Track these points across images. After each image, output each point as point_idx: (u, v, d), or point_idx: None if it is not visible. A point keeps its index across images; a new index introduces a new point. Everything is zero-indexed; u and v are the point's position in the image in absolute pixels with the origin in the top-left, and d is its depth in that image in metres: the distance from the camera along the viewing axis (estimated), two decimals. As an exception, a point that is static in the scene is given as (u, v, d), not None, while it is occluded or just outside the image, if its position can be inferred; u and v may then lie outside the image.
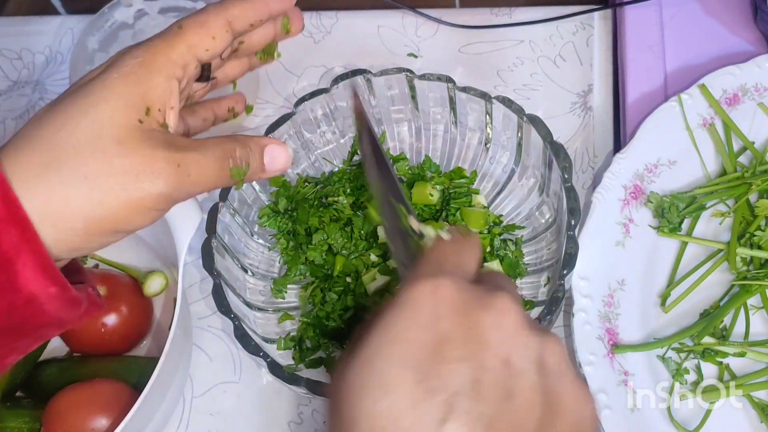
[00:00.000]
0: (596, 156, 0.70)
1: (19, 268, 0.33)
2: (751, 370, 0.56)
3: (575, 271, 0.58)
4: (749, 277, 0.58)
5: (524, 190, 0.64)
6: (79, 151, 0.35)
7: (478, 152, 0.66)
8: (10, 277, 0.33)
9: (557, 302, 0.52)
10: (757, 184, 0.60)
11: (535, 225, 0.63)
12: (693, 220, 0.63)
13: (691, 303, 0.60)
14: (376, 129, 0.68)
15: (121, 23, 0.78)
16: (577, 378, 0.34)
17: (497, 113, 0.61)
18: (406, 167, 0.66)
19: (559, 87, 0.74)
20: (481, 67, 0.76)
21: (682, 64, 0.70)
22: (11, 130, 0.81)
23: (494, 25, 0.78)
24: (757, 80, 0.65)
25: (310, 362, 0.58)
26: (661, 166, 0.64)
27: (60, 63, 0.85)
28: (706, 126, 0.65)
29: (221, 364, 0.65)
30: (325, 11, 0.83)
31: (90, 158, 0.35)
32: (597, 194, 0.62)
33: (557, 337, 0.34)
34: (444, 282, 0.33)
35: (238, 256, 0.62)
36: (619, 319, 0.59)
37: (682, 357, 0.57)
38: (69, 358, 0.66)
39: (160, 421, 0.61)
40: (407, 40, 0.79)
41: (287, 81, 0.79)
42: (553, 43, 0.77)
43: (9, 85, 0.84)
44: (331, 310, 0.60)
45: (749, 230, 0.60)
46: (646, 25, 0.73)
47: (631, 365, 0.57)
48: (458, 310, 0.32)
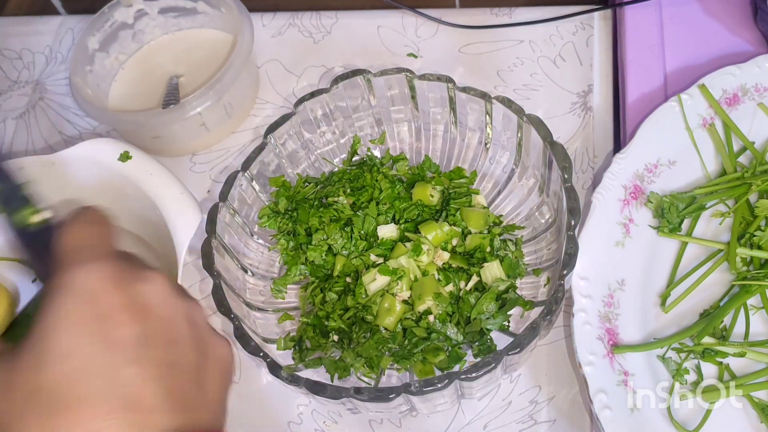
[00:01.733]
0: (596, 156, 0.70)
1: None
2: (751, 370, 0.56)
3: (575, 271, 0.58)
4: (749, 277, 0.58)
5: (524, 191, 0.64)
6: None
7: (478, 152, 0.66)
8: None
9: (557, 302, 0.52)
10: (757, 185, 0.60)
11: (535, 225, 0.63)
12: (693, 221, 0.63)
13: (691, 303, 0.60)
14: (376, 129, 0.68)
15: (121, 23, 0.78)
16: (215, 331, 0.44)
17: (497, 113, 0.61)
18: (406, 167, 0.66)
19: (559, 87, 0.74)
20: (481, 67, 0.76)
21: (682, 64, 0.70)
22: (11, 130, 0.81)
23: (494, 25, 0.78)
24: (757, 80, 0.65)
25: (310, 362, 0.58)
26: (661, 166, 0.64)
27: (60, 63, 0.85)
28: (706, 126, 0.65)
29: (221, 364, 0.65)
30: (325, 11, 0.83)
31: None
32: (597, 194, 0.62)
33: (197, 301, 0.43)
34: (96, 264, 0.38)
35: (238, 256, 0.62)
36: (619, 320, 0.59)
37: (682, 357, 0.57)
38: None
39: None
40: (407, 40, 0.79)
41: (287, 81, 0.79)
42: (553, 43, 0.77)
43: (9, 85, 0.84)
44: (331, 310, 0.60)
45: (749, 230, 0.60)
46: (646, 25, 0.73)
47: (631, 365, 0.57)
48: (117, 284, 0.38)
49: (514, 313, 0.59)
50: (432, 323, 0.58)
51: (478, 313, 0.58)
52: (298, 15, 0.83)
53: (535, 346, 0.54)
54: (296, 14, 0.83)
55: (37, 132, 0.80)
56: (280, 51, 0.81)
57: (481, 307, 0.58)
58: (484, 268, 0.60)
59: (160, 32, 0.81)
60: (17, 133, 0.80)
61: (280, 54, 0.81)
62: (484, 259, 0.60)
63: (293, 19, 0.83)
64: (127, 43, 0.80)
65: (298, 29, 0.82)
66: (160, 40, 0.81)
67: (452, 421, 0.60)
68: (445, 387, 0.50)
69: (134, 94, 0.78)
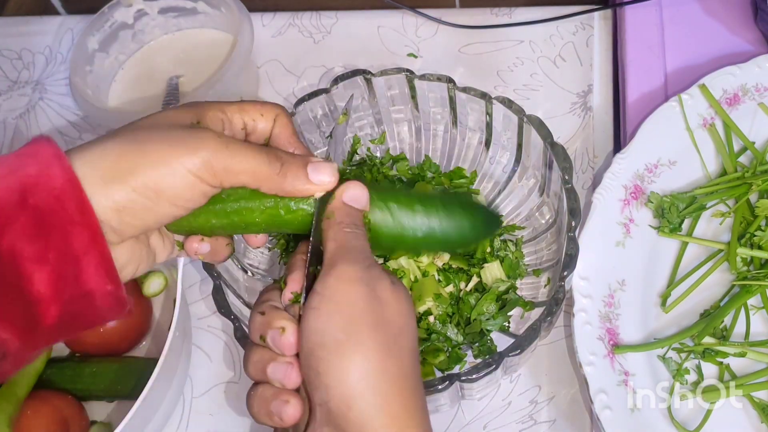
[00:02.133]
0: (596, 156, 0.69)
1: (84, 266, 0.38)
2: (752, 370, 0.56)
3: (575, 271, 0.58)
4: (749, 277, 0.58)
5: (524, 191, 0.64)
6: (147, 152, 0.39)
7: (478, 152, 0.65)
8: (76, 273, 0.38)
9: (558, 303, 0.52)
10: (757, 184, 0.60)
11: (536, 225, 0.63)
12: (693, 221, 0.63)
13: (691, 303, 0.59)
14: (376, 129, 0.68)
15: (121, 23, 0.78)
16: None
17: (497, 113, 0.61)
18: (406, 167, 0.66)
19: (559, 87, 0.74)
20: (481, 67, 0.76)
21: (683, 64, 0.70)
22: (11, 129, 0.81)
23: (494, 25, 0.78)
24: (758, 80, 0.65)
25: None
26: (661, 166, 0.64)
27: (60, 63, 0.85)
28: (706, 126, 0.65)
29: (221, 364, 0.65)
30: (325, 11, 0.83)
31: (154, 146, 0.39)
32: (597, 194, 0.62)
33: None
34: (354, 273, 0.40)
35: (238, 256, 0.62)
36: (619, 320, 0.58)
37: (683, 357, 0.57)
38: (70, 358, 0.66)
39: (160, 421, 0.61)
40: (407, 40, 0.79)
41: (287, 81, 0.79)
42: (553, 44, 0.77)
43: (9, 85, 0.84)
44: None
45: (749, 230, 0.60)
46: (646, 26, 0.73)
47: (631, 365, 0.57)
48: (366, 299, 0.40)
49: (515, 313, 0.59)
50: (432, 324, 0.58)
51: (478, 314, 0.58)
52: (298, 15, 0.83)
53: (536, 346, 0.54)
54: (296, 14, 0.83)
55: (37, 132, 0.80)
56: (280, 51, 0.81)
57: (481, 308, 0.58)
58: (484, 268, 0.60)
59: (160, 32, 0.80)
60: (17, 134, 0.80)
61: (280, 54, 0.81)
62: (484, 259, 0.60)
63: (293, 19, 0.83)
64: (127, 43, 0.79)
65: (298, 29, 0.82)
66: (160, 40, 0.81)
67: (452, 421, 0.59)
68: (445, 389, 0.50)
69: (134, 95, 0.78)
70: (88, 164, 0.38)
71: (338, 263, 0.40)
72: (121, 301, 0.40)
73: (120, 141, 0.39)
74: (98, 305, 0.39)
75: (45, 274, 0.37)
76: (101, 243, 0.38)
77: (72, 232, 0.37)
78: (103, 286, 0.38)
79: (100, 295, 0.39)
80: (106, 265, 0.38)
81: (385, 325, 0.39)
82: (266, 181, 0.41)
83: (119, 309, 0.40)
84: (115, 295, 0.39)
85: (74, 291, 0.38)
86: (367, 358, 0.38)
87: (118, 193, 0.38)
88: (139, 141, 0.39)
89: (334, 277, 0.40)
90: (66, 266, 0.37)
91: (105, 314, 0.40)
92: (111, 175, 0.38)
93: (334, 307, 0.39)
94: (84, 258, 0.38)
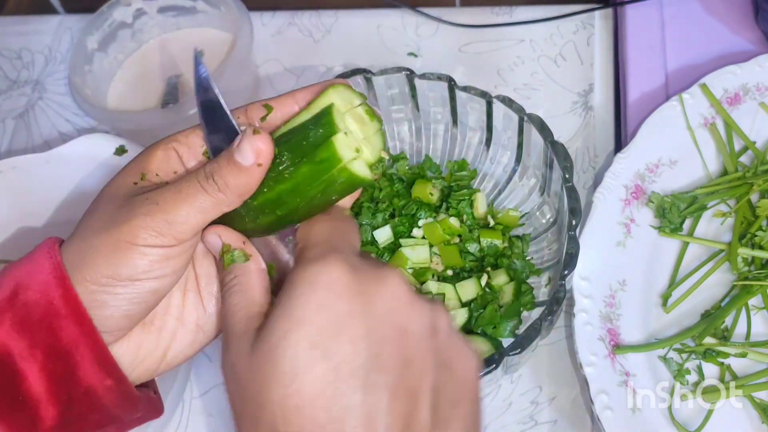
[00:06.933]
0: (597, 156, 0.69)
1: (78, 360, 0.36)
2: (753, 370, 0.56)
3: (576, 271, 0.58)
4: (750, 277, 0.58)
5: (525, 190, 0.64)
6: (100, 232, 0.37)
7: (478, 152, 0.65)
8: (71, 368, 0.36)
9: (558, 303, 0.52)
10: (758, 184, 0.60)
11: (536, 225, 0.63)
12: (694, 220, 0.62)
13: (692, 303, 0.59)
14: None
15: (120, 22, 0.78)
16: (462, 337, 0.37)
17: (498, 113, 0.60)
18: (406, 167, 0.66)
19: (559, 86, 0.74)
20: (482, 67, 0.76)
21: (683, 64, 0.70)
22: (11, 129, 0.81)
23: (495, 24, 0.78)
24: (759, 80, 0.65)
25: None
26: (662, 166, 0.63)
27: (59, 62, 0.84)
28: (707, 125, 0.65)
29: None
30: (325, 10, 0.83)
31: (93, 233, 0.37)
32: (598, 194, 0.61)
33: (442, 303, 0.37)
34: (336, 261, 0.34)
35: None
36: (620, 320, 0.58)
37: (684, 357, 0.57)
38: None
39: (160, 422, 0.60)
40: (407, 39, 0.79)
41: (287, 81, 0.79)
42: (553, 43, 0.76)
43: (9, 85, 0.84)
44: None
45: (750, 230, 0.60)
46: (647, 25, 0.73)
47: (632, 366, 0.57)
48: (354, 287, 0.34)
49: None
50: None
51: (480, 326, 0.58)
52: (298, 14, 0.83)
53: (536, 346, 0.53)
54: (296, 13, 0.83)
55: (36, 132, 0.80)
56: (280, 50, 0.81)
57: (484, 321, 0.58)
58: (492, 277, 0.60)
59: (159, 31, 0.80)
60: (16, 133, 0.80)
61: (280, 53, 0.81)
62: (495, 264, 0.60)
63: (293, 18, 0.83)
64: (126, 43, 0.79)
65: (298, 28, 0.82)
66: (159, 39, 0.80)
67: (453, 422, 0.59)
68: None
69: (133, 94, 0.78)
70: (76, 255, 0.37)
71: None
72: (129, 396, 0.38)
73: (75, 237, 0.38)
74: (104, 403, 0.37)
75: (36, 371, 0.35)
76: (93, 335, 0.36)
77: (60, 325, 0.35)
78: (102, 380, 0.36)
79: (102, 392, 0.37)
80: (102, 358, 0.36)
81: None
82: (217, 205, 0.37)
83: (130, 406, 0.38)
84: (118, 391, 0.37)
85: (73, 389, 0.36)
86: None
87: (84, 291, 0.36)
88: (83, 228, 0.38)
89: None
90: (57, 362, 0.36)
91: (115, 412, 0.38)
92: (74, 276, 0.36)
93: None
94: (76, 352, 0.36)
